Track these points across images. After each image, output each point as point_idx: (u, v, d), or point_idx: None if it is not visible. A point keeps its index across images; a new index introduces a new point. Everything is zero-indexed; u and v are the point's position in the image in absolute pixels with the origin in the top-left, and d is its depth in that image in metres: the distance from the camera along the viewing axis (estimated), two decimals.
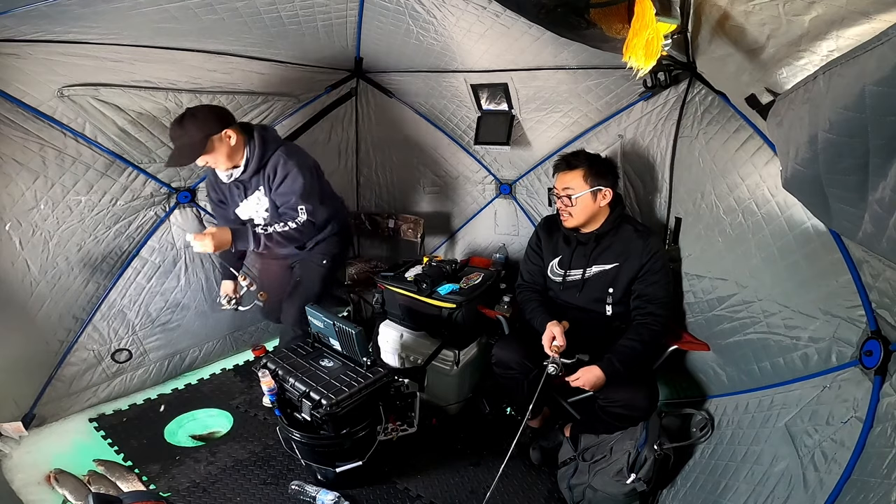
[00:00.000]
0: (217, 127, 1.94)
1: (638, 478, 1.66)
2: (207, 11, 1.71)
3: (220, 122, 1.95)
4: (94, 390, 2.42)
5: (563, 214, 2.00)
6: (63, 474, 1.96)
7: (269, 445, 2.22)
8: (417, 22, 1.96)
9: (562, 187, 1.97)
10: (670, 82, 2.00)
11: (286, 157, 2.04)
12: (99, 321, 2.38)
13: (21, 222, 2.01)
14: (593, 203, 1.95)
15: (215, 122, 1.94)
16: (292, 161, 2.04)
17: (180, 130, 1.91)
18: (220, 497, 1.95)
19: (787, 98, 1.08)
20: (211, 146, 1.94)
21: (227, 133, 1.96)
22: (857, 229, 0.85)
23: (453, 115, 2.83)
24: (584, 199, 1.93)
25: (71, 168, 2.08)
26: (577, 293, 2.02)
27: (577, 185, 1.94)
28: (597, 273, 1.97)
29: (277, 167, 2.04)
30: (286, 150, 2.07)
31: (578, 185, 1.94)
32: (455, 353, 2.31)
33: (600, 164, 1.98)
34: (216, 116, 1.96)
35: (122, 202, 2.29)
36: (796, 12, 0.90)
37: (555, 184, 2.04)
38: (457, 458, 2.16)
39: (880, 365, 1.14)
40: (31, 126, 1.91)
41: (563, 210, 1.99)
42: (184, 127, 1.90)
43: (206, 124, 1.92)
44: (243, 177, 2.07)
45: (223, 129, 1.95)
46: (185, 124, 1.90)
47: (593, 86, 2.23)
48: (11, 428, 2.10)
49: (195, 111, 1.95)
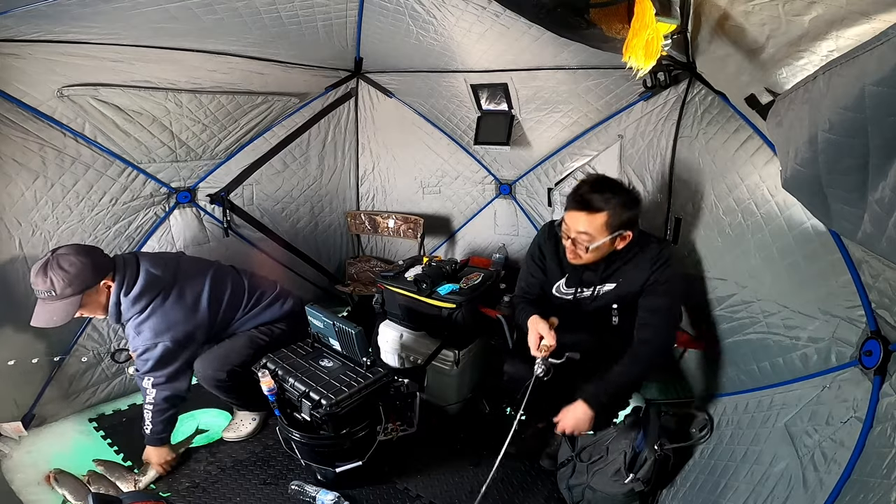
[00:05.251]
0: (92, 279, 1.74)
1: (637, 478, 1.66)
2: (207, 11, 1.71)
3: (96, 272, 1.75)
4: (93, 390, 2.42)
5: (570, 253, 1.73)
6: (63, 474, 1.96)
7: (269, 445, 2.22)
8: (417, 22, 1.96)
9: (575, 230, 1.65)
10: (670, 82, 2.00)
11: (136, 333, 1.86)
12: (99, 321, 2.38)
13: (21, 222, 2.01)
14: (610, 247, 1.68)
15: (90, 275, 1.73)
16: (140, 339, 1.86)
17: (44, 285, 1.67)
18: (220, 497, 1.94)
19: (787, 98, 1.08)
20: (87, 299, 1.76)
21: (105, 284, 1.79)
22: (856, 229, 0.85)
23: (453, 115, 2.84)
24: (601, 245, 1.65)
25: (71, 168, 2.07)
26: (587, 307, 1.87)
27: (596, 231, 1.62)
28: (608, 290, 1.81)
29: (130, 336, 1.89)
30: (137, 323, 1.85)
31: (598, 231, 1.62)
32: (455, 353, 2.30)
33: (628, 204, 1.62)
34: (90, 269, 1.73)
35: (121, 202, 2.28)
36: (796, 12, 0.90)
37: (564, 218, 1.70)
38: (457, 458, 2.16)
39: (880, 365, 1.14)
40: (31, 126, 1.91)
41: (570, 250, 1.71)
42: (48, 282, 1.67)
43: (80, 279, 1.70)
44: (115, 324, 1.94)
45: (100, 281, 1.76)
46: (51, 278, 1.67)
47: (593, 86, 2.23)
48: (11, 428, 2.10)
49: (64, 260, 1.69)
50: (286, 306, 2.25)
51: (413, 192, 3.27)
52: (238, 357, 2.05)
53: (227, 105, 2.41)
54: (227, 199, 2.68)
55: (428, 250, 3.29)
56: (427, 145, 3.08)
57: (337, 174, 3.20)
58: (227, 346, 2.09)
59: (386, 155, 3.25)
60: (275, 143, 2.80)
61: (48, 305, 1.73)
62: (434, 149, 3.07)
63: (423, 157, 3.13)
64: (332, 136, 3.07)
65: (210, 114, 2.38)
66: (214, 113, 2.39)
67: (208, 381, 2.05)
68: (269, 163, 2.82)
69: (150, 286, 1.87)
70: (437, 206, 3.25)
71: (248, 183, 2.77)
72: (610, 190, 1.62)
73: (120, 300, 1.83)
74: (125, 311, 1.86)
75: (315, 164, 3.06)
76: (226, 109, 2.43)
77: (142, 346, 1.87)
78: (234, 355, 2.05)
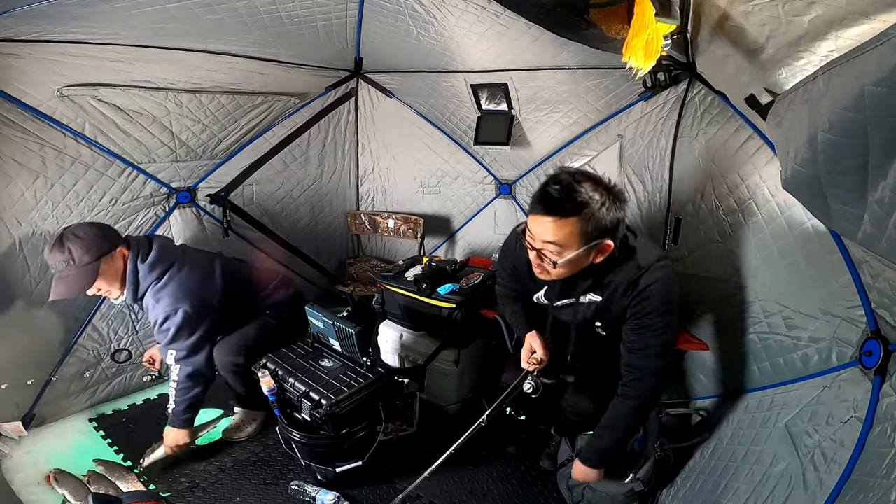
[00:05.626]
0: (107, 247, 1.80)
1: (636, 478, 1.66)
2: (207, 11, 1.71)
3: (109, 242, 1.82)
4: (93, 390, 2.42)
5: (536, 268, 1.38)
6: (63, 474, 1.96)
7: (269, 445, 2.22)
8: (417, 22, 1.96)
9: (541, 239, 1.29)
10: (670, 82, 2.00)
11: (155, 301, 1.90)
12: (98, 321, 2.38)
13: (21, 222, 2.01)
14: (586, 260, 1.34)
15: (104, 243, 1.80)
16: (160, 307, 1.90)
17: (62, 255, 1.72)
18: (220, 497, 1.94)
19: (787, 98, 1.08)
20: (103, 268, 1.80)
21: (119, 253, 1.85)
22: (856, 229, 0.85)
23: (453, 115, 2.84)
24: (574, 259, 1.30)
25: (71, 168, 2.07)
26: (569, 315, 1.59)
27: (566, 241, 1.27)
28: (589, 301, 1.51)
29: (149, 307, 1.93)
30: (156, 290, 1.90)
31: (569, 241, 1.27)
32: (455, 353, 2.30)
33: (608, 207, 1.26)
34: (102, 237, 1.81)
35: (121, 202, 2.28)
36: (796, 12, 0.90)
37: (527, 223, 1.34)
38: (457, 458, 2.15)
39: (880, 365, 1.14)
40: (31, 126, 1.91)
41: (536, 264, 1.37)
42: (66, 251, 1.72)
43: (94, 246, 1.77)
44: (132, 302, 1.95)
45: (114, 250, 1.82)
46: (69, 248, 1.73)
47: (593, 86, 2.23)
48: (11, 428, 2.10)
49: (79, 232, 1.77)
50: (290, 290, 2.36)
51: (413, 192, 3.27)
52: (252, 340, 2.11)
53: (227, 105, 2.41)
54: (226, 199, 2.68)
55: (428, 250, 3.29)
56: (427, 145, 3.08)
57: (337, 174, 3.20)
58: (241, 333, 2.14)
59: (386, 155, 3.25)
60: (275, 143, 2.80)
61: (67, 276, 1.76)
62: (434, 149, 3.07)
63: (423, 157, 3.13)
64: (332, 136, 3.07)
65: (210, 114, 2.38)
66: (214, 113, 2.39)
67: (227, 367, 2.10)
68: (269, 163, 2.82)
69: (164, 255, 1.95)
70: (437, 206, 3.25)
71: (248, 183, 2.77)
72: (585, 188, 1.25)
73: (137, 267, 1.89)
74: (143, 280, 1.90)
75: (315, 164, 3.06)
76: (226, 109, 2.43)
77: (162, 313, 1.91)
78: (249, 339, 2.12)
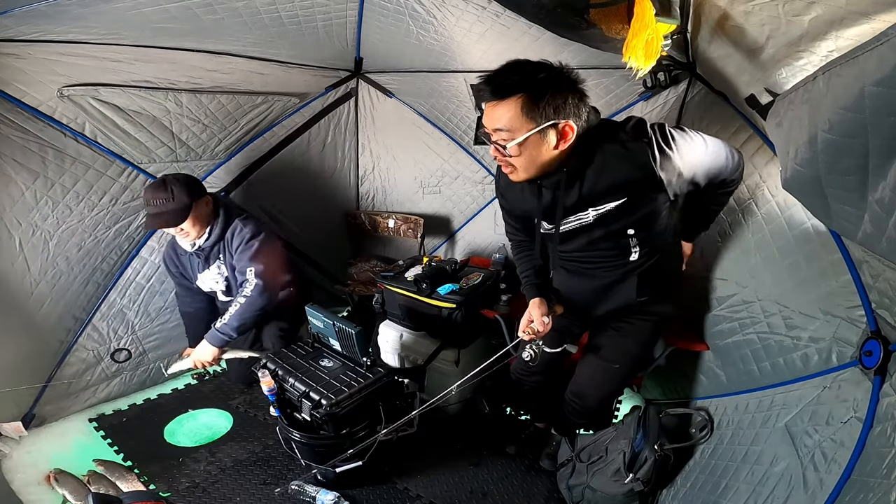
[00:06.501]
0: (198, 193, 2.05)
1: (637, 478, 1.66)
2: (207, 11, 1.71)
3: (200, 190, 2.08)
4: (93, 390, 2.42)
5: (505, 168, 1.34)
6: (63, 474, 1.96)
7: (269, 445, 2.22)
8: (417, 22, 1.96)
9: (492, 128, 1.25)
10: (670, 82, 2.00)
11: (243, 225, 2.15)
12: (98, 321, 2.38)
13: (21, 222, 2.01)
14: (542, 146, 1.24)
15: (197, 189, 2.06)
16: (248, 228, 2.14)
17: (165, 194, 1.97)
18: (220, 497, 1.95)
19: (787, 98, 1.08)
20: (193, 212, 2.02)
21: (206, 200, 2.09)
22: (856, 229, 0.85)
23: (453, 115, 2.83)
24: (528, 144, 1.22)
25: (71, 168, 2.07)
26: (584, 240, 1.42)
27: (513, 122, 1.20)
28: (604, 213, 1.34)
29: (234, 234, 2.14)
30: (244, 220, 2.17)
31: (516, 122, 1.20)
32: (455, 353, 2.30)
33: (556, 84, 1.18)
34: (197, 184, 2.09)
35: (122, 202, 2.28)
36: (796, 12, 0.90)
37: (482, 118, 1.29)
38: (457, 458, 2.16)
39: (880, 365, 1.14)
40: (31, 126, 1.91)
41: (499, 159, 1.32)
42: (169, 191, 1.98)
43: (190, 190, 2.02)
44: (206, 244, 2.14)
45: (203, 196, 2.07)
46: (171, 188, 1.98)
47: (593, 86, 2.22)
48: (11, 428, 2.10)
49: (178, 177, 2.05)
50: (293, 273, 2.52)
51: (413, 192, 3.27)
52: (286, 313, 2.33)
53: (227, 105, 2.41)
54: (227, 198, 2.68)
55: (428, 250, 3.29)
56: (427, 145, 3.08)
57: (337, 174, 3.20)
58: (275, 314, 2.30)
59: (386, 155, 3.25)
60: (275, 143, 2.80)
61: (164, 212, 1.97)
62: (434, 149, 3.07)
63: (423, 157, 3.12)
64: (332, 136, 3.07)
65: (210, 114, 2.38)
66: (214, 113, 2.39)
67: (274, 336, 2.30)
68: (269, 163, 2.81)
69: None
70: (437, 206, 3.24)
71: (248, 183, 2.77)
72: (529, 67, 1.19)
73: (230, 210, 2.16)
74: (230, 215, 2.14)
75: (315, 164, 3.06)
76: (226, 109, 2.43)
77: (249, 232, 2.12)
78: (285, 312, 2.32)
